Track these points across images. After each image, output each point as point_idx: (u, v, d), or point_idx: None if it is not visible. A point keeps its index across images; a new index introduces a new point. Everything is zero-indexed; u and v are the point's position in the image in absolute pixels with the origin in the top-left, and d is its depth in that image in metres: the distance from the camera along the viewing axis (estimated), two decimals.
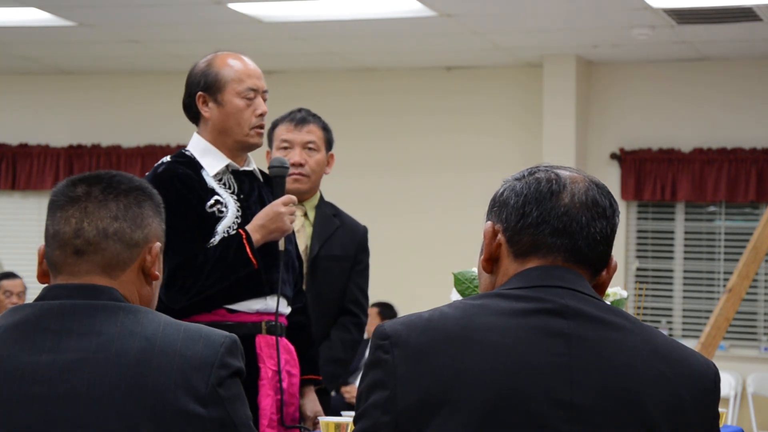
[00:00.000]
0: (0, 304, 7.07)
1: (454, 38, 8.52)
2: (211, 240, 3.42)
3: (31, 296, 7.22)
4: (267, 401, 3.43)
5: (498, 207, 1.96)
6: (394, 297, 8.97)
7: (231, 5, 7.67)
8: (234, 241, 3.41)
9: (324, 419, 2.95)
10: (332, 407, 4.18)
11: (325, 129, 4.22)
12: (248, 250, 3.40)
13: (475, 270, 2.83)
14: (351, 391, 8.26)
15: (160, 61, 9.71)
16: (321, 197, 4.30)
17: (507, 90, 9.49)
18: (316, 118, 4.21)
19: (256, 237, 3.43)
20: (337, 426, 2.90)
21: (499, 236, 1.94)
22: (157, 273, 2.01)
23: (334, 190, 4.13)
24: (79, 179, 1.98)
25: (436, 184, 9.55)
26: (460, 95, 9.58)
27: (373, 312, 8.73)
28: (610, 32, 8.26)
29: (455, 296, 2.90)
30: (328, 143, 4.23)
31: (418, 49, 9.02)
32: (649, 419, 1.81)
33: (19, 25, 8.52)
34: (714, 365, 1.92)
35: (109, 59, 9.76)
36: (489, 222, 1.96)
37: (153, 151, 10.19)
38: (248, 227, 3.44)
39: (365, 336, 8.72)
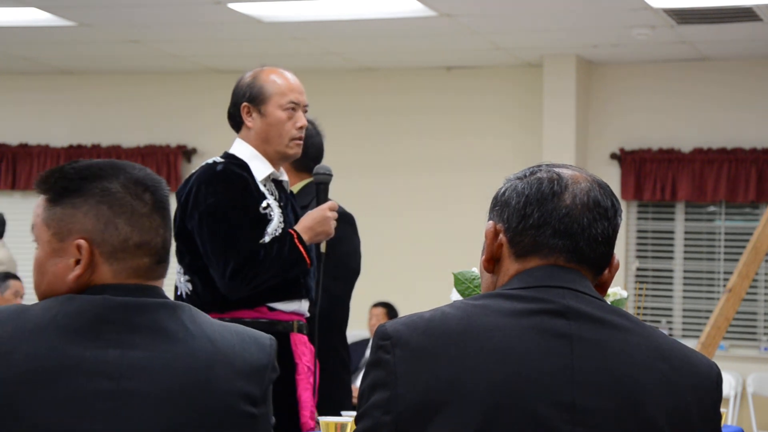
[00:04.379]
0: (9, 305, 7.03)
1: (454, 38, 8.52)
2: (261, 240, 3.60)
3: (27, 297, 7.18)
4: (307, 394, 3.64)
5: (500, 207, 1.95)
6: (395, 297, 8.97)
7: (231, 5, 7.67)
8: (287, 240, 3.60)
9: (324, 419, 2.95)
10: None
11: None
12: (302, 249, 3.61)
13: (475, 270, 2.83)
14: (351, 391, 8.26)
15: (160, 61, 9.70)
16: (302, 189, 4.35)
17: (507, 90, 9.49)
18: None
19: (304, 238, 3.63)
20: (337, 426, 2.90)
21: (501, 236, 1.94)
22: None
23: (332, 189, 4.11)
24: (136, 182, 1.94)
25: (436, 184, 9.55)
26: (460, 95, 9.58)
27: (380, 312, 8.73)
28: (610, 32, 8.26)
29: (455, 296, 2.91)
30: None
31: (418, 49, 9.02)
32: (651, 420, 1.81)
33: (19, 25, 8.52)
34: (716, 366, 1.92)
35: (109, 59, 9.76)
36: (491, 222, 1.96)
37: (153, 151, 10.19)
38: (297, 228, 3.65)
39: (368, 335, 8.78)
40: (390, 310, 8.74)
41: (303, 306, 3.72)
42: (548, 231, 1.90)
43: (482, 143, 9.48)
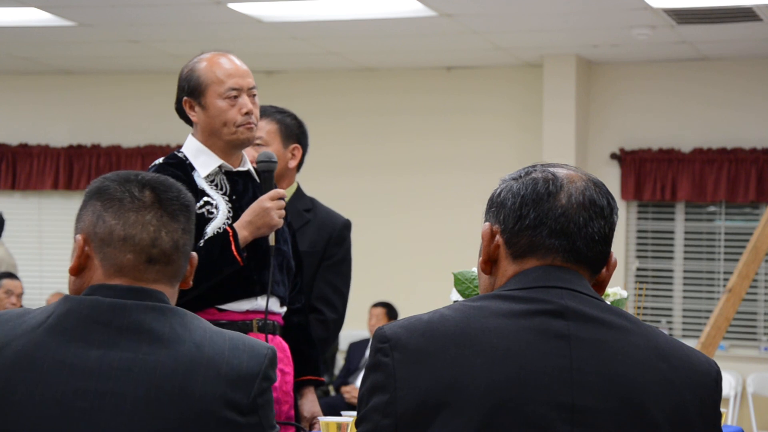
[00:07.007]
0: (0, 303, 7.05)
1: (454, 38, 8.52)
2: (200, 242, 3.39)
3: (27, 297, 7.18)
4: None
5: (496, 208, 1.95)
6: (395, 297, 8.97)
7: (231, 5, 7.67)
8: (219, 239, 3.40)
9: (324, 419, 2.95)
10: (332, 407, 4.16)
11: (282, 123, 4.08)
12: (233, 247, 3.39)
13: (475, 270, 2.83)
14: (351, 391, 8.26)
15: (160, 61, 9.70)
16: (296, 191, 4.18)
17: (507, 90, 9.49)
18: (270, 114, 4.05)
19: (243, 234, 3.42)
20: (337, 426, 2.90)
21: (497, 238, 1.93)
22: (191, 282, 2.07)
23: (333, 189, 4.11)
24: (138, 181, 1.98)
25: (436, 184, 9.55)
26: (460, 95, 9.58)
27: (380, 312, 8.72)
28: (610, 32, 8.26)
29: (455, 296, 2.91)
30: (286, 136, 4.10)
31: (418, 49, 9.02)
32: (651, 419, 1.80)
33: (19, 25, 8.52)
34: (715, 364, 1.91)
35: (109, 59, 9.76)
36: (487, 223, 1.96)
37: (153, 151, 10.19)
38: (236, 224, 3.44)
39: (368, 335, 8.78)
40: (390, 310, 8.73)
41: (261, 303, 3.48)
42: (545, 231, 1.90)
43: (482, 143, 9.48)
